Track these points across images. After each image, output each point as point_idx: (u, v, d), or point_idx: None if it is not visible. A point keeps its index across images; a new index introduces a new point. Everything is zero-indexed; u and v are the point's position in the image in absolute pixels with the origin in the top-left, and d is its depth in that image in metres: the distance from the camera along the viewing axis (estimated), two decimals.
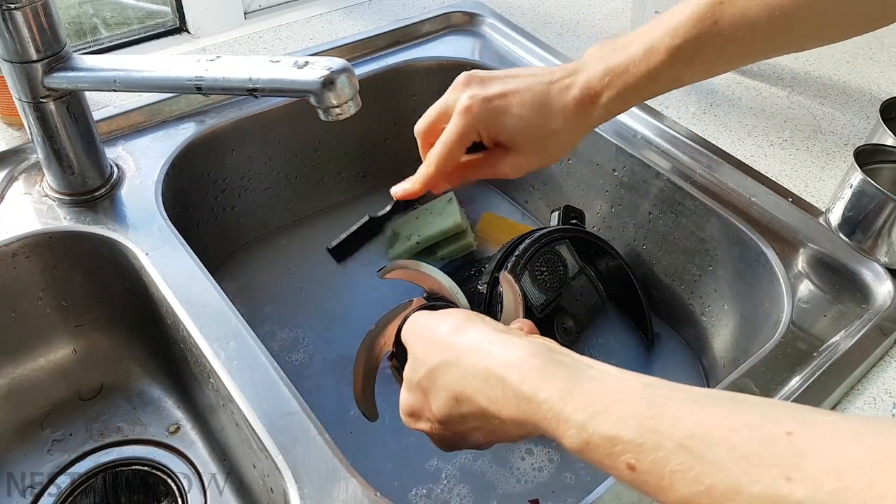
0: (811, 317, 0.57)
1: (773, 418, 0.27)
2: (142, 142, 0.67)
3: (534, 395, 0.33)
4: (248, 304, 0.75)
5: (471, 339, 0.38)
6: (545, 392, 0.33)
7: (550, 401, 0.32)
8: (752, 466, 0.25)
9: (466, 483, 0.61)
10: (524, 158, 0.52)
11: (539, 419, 0.33)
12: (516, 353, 0.35)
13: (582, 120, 0.51)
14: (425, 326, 0.42)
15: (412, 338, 0.43)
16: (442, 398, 0.39)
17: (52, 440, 0.63)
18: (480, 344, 0.38)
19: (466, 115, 0.50)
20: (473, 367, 0.37)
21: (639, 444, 0.29)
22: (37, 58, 0.52)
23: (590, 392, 0.32)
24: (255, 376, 0.49)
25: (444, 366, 0.39)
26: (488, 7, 0.89)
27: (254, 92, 0.47)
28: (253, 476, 0.55)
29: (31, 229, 0.58)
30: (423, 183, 0.55)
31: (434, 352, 0.40)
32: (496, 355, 0.36)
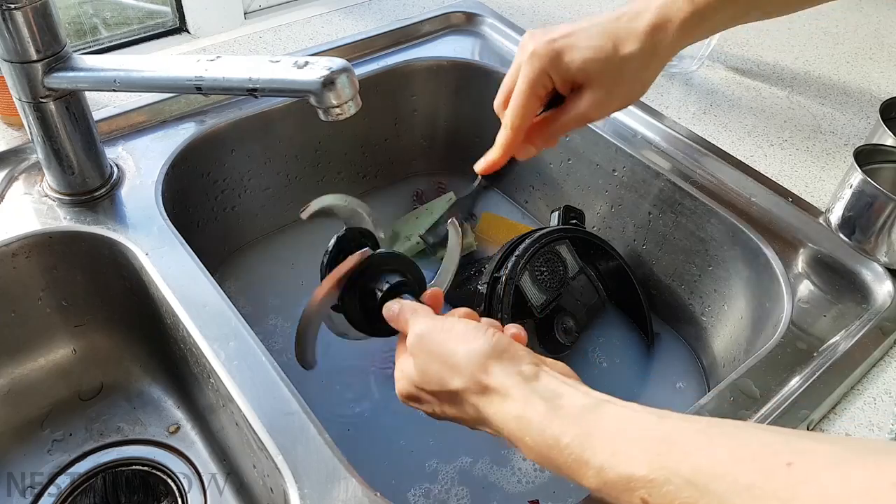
0: (811, 317, 0.57)
1: (775, 449, 0.28)
2: (142, 142, 0.67)
3: (557, 442, 0.35)
4: (248, 304, 0.75)
5: (496, 380, 0.39)
6: (567, 437, 0.34)
7: (572, 446, 0.34)
8: (754, 498, 0.27)
9: (466, 483, 0.61)
10: (601, 92, 0.49)
11: (561, 463, 0.35)
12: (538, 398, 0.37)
13: (655, 46, 0.48)
14: (441, 347, 0.41)
15: (424, 355, 0.42)
16: (460, 414, 0.41)
17: (52, 440, 0.63)
18: (505, 385, 0.38)
19: (533, 59, 0.48)
20: (499, 410, 0.38)
21: (651, 480, 0.31)
22: (37, 58, 0.52)
23: (607, 432, 0.34)
24: (254, 376, 0.49)
25: (467, 392, 0.40)
26: (488, 7, 0.89)
27: (254, 92, 0.47)
28: (253, 476, 0.55)
29: (31, 229, 0.58)
30: (505, 148, 0.53)
31: (453, 375, 0.40)
32: (519, 399, 0.37)
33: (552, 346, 0.68)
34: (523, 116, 0.51)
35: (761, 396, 0.51)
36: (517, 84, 0.50)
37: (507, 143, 0.53)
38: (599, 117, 0.51)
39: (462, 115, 0.87)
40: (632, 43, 0.48)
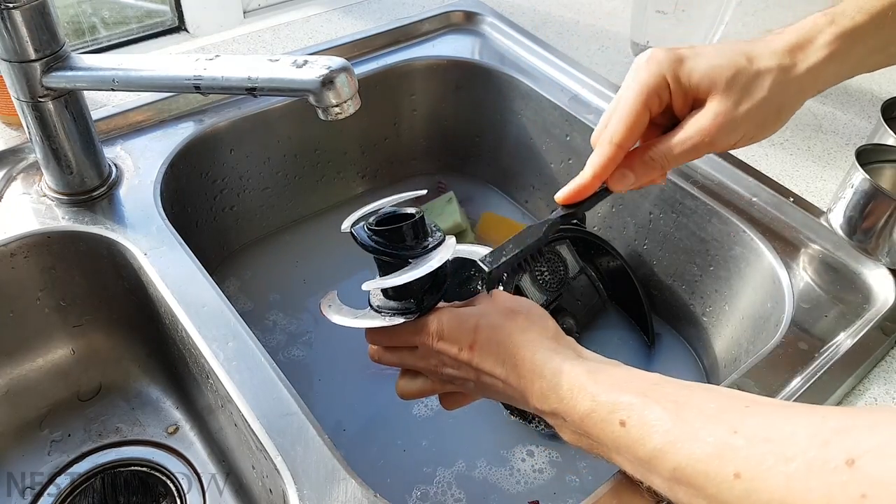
0: (812, 317, 0.57)
1: (741, 397, 0.36)
2: (140, 141, 0.67)
3: (569, 373, 0.40)
4: (247, 304, 0.74)
5: (529, 338, 0.43)
6: (580, 369, 0.40)
7: (580, 375, 0.40)
8: (710, 423, 0.34)
9: (465, 484, 0.61)
10: (728, 103, 0.41)
11: (565, 390, 0.40)
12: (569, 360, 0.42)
13: (795, 65, 0.42)
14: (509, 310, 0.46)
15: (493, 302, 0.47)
16: (491, 345, 0.44)
17: (50, 441, 0.63)
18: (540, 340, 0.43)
19: (650, 63, 0.42)
20: (533, 357, 0.42)
21: (630, 405, 0.37)
22: (35, 57, 0.52)
23: (610, 375, 0.40)
24: (253, 377, 0.49)
25: (516, 330, 0.44)
26: (488, 6, 0.89)
27: (253, 91, 0.47)
28: (252, 477, 0.55)
29: (30, 229, 0.58)
30: (599, 169, 0.44)
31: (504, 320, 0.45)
32: (553, 353, 0.42)
33: None
34: (630, 129, 0.43)
35: None
36: (625, 93, 0.43)
37: (603, 162, 0.44)
38: (722, 141, 0.42)
39: (462, 115, 0.87)
40: (768, 59, 0.43)
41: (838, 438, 0.29)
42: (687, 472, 0.33)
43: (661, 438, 0.35)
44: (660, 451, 0.35)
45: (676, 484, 0.34)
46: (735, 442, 0.32)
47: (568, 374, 0.40)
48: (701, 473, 0.33)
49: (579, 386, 0.39)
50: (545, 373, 0.41)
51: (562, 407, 0.40)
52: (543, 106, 0.78)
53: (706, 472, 0.33)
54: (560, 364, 0.41)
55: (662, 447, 0.35)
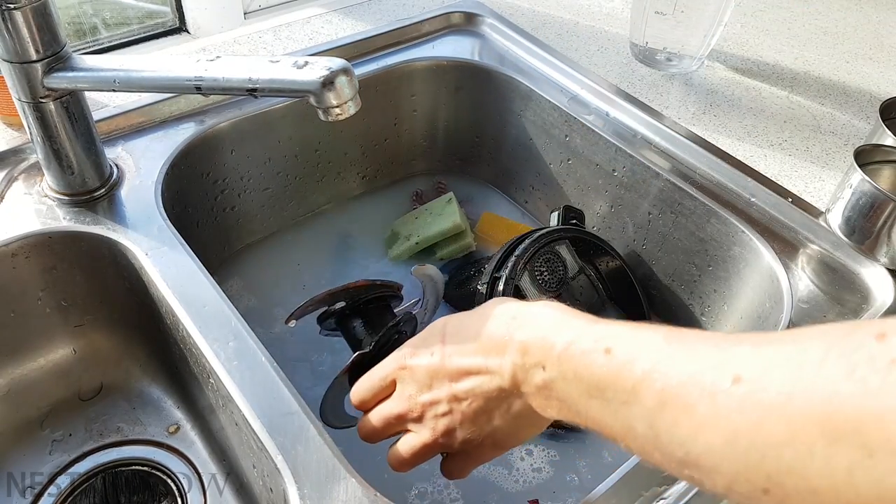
0: (811, 317, 0.57)
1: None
2: (141, 142, 0.67)
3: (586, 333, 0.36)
4: (248, 304, 0.75)
5: (501, 307, 0.41)
6: (569, 314, 0.37)
7: (567, 316, 0.37)
8: (708, 341, 0.30)
9: (463, 482, 0.61)
10: None
11: (547, 328, 0.36)
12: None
13: None
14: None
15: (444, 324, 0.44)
16: (461, 339, 0.41)
17: (51, 440, 0.63)
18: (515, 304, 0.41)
19: None
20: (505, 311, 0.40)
21: (619, 333, 0.33)
22: (36, 58, 0.52)
23: (594, 317, 0.37)
24: (254, 376, 0.49)
25: (486, 311, 0.41)
26: (488, 7, 0.89)
27: (253, 92, 0.47)
28: (252, 476, 0.55)
29: (31, 229, 0.58)
30: None
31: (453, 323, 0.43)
32: (527, 306, 0.40)
33: None
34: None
35: None
36: None
37: None
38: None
39: (462, 115, 0.87)
40: None
41: (863, 325, 0.25)
42: (676, 391, 0.29)
43: (652, 358, 0.31)
44: (647, 374, 0.30)
45: (660, 411, 0.29)
46: (738, 350, 0.28)
47: (553, 317, 0.37)
48: (695, 386, 0.28)
49: (564, 323, 0.36)
50: (527, 322, 0.38)
51: (543, 352, 0.36)
52: (543, 106, 0.78)
53: (701, 383, 0.28)
54: (544, 311, 0.38)
55: (651, 368, 0.30)
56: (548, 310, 0.38)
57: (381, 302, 0.52)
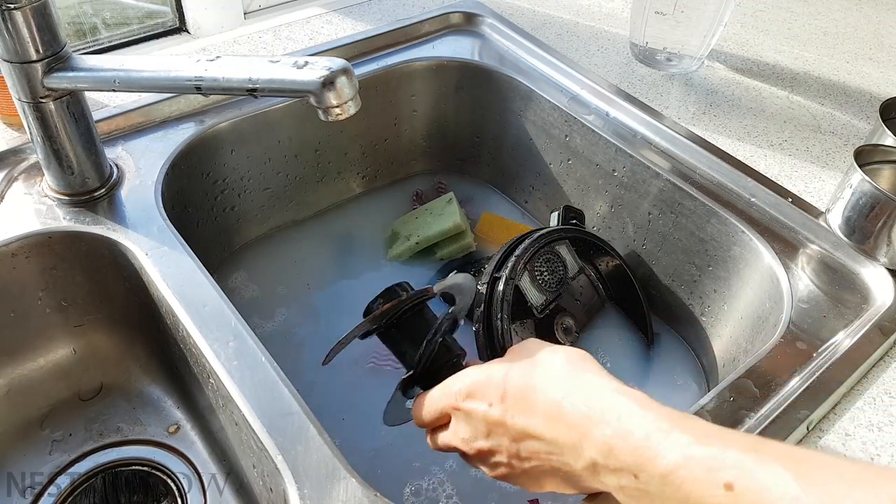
0: (811, 317, 0.57)
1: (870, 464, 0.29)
2: (141, 142, 0.67)
3: (645, 414, 0.34)
4: (248, 304, 0.75)
5: (578, 378, 0.38)
6: (658, 413, 0.34)
7: (659, 420, 0.33)
8: (856, 487, 0.27)
9: (464, 483, 0.61)
10: None
11: (640, 438, 0.33)
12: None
13: None
14: (542, 354, 0.40)
15: (519, 351, 0.41)
16: (533, 407, 0.37)
17: (51, 440, 0.63)
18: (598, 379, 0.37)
19: None
20: (586, 393, 0.36)
21: (739, 462, 0.29)
22: (36, 58, 0.52)
23: (700, 425, 0.33)
24: (254, 376, 0.49)
25: (556, 372, 0.38)
26: (488, 7, 0.89)
27: (253, 92, 0.47)
28: (252, 476, 0.55)
29: (31, 229, 0.58)
30: None
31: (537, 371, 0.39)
32: (617, 394, 0.36)
33: None
34: None
35: (761, 396, 0.51)
36: None
37: None
38: None
39: (462, 115, 0.87)
40: None
41: None
42: None
43: None
44: None
45: None
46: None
47: (643, 418, 0.33)
48: None
49: (661, 432, 0.32)
50: (608, 417, 0.34)
51: (635, 460, 0.32)
52: (543, 106, 0.78)
53: None
54: (629, 406, 0.34)
55: None
56: (631, 407, 0.34)
57: (415, 308, 0.49)
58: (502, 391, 0.39)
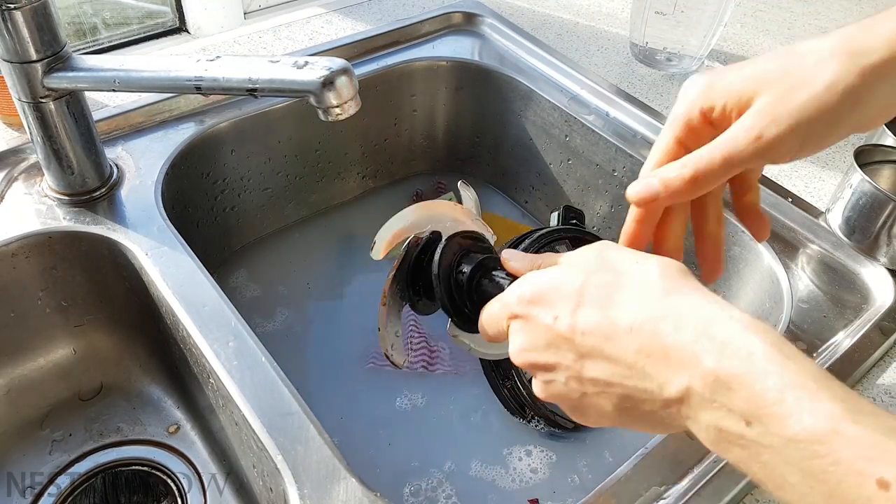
0: (811, 317, 0.57)
1: None
2: (141, 142, 0.67)
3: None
4: (248, 304, 0.75)
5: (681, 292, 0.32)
6: (800, 366, 0.27)
7: (803, 376, 0.27)
8: None
9: (460, 481, 0.61)
10: (773, 96, 0.34)
11: (771, 386, 0.27)
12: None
13: (854, 57, 0.33)
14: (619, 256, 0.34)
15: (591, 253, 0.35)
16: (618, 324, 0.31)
17: (51, 440, 0.63)
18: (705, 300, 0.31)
19: (683, 93, 0.38)
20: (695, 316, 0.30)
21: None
22: (36, 58, 0.52)
23: (849, 394, 0.27)
24: (254, 376, 0.49)
25: (651, 284, 0.32)
26: (488, 7, 0.89)
27: (253, 92, 0.47)
28: (252, 476, 0.55)
29: (31, 229, 0.58)
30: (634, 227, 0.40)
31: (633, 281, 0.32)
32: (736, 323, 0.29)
33: None
34: (657, 162, 0.38)
35: None
36: (662, 132, 0.38)
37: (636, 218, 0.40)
38: (773, 139, 0.33)
39: (462, 115, 0.87)
40: (818, 53, 0.34)
41: None
42: None
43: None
44: None
45: None
46: None
47: (780, 366, 0.27)
48: None
49: (803, 390, 0.26)
50: (727, 351, 0.28)
51: (752, 407, 0.27)
52: (543, 106, 0.78)
53: None
54: (761, 346, 0.28)
55: None
56: (765, 348, 0.28)
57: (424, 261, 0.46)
58: (575, 303, 0.32)
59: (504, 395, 0.63)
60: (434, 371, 0.70)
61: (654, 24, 0.80)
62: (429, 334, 0.72)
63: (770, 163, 0.36)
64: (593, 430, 0.65)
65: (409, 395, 0.68)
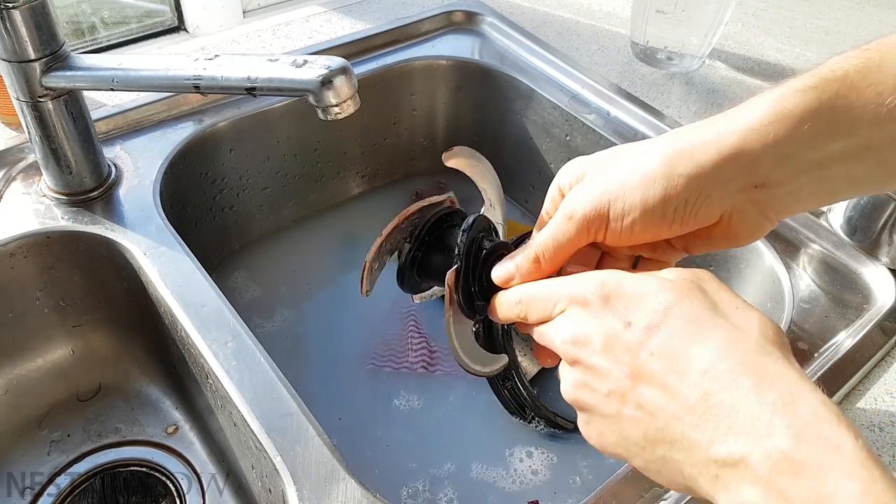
0: (812, 317, 0.57)
1: None
2: (140, 141, 0.67)
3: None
4: (247, 304, 0.74)
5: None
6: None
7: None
8: None
9: (461, 482, 0.61)
10: (588, 186, 0.36)
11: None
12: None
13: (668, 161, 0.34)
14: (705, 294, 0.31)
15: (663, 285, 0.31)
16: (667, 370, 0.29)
17: (50, 441, 0.63)
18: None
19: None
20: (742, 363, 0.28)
21: None
22: (35, 57, 0.52)
23: None
24: (253, 377, 0.49)
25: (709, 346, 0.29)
26: (488, 6, 0.89)
27: (252, 91, 0.47)
28: (251, 477, 0.54)
29: (29, 229, 0.58)
30: None
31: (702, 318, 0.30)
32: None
33: None
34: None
35: None
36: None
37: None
38: (581, 218, 0.35)
39: (462, 115, 0.87)
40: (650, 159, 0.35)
41: None
42: None
43: None
44: None
45: None
46: None
47: (869, 471, 0.24)
48: None
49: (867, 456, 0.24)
50: (809, 434, 0.26)
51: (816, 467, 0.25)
52: (544, 106, 0.78)
53: None
54: (845, 434, 0.26)
55: None
56: (854, 444, 0.25)
57: (443, 225, 0.44)
58: (655, 320, 0.30)
59: (504, 396, 0.63)
60: (434, 372, 0.69)
61: (655, 23, 0.79)
62: (429, 335, 0.72)
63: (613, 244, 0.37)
64: None
65: (409, 395, 0.67)
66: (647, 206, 0.34)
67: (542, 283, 0.36)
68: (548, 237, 0.37)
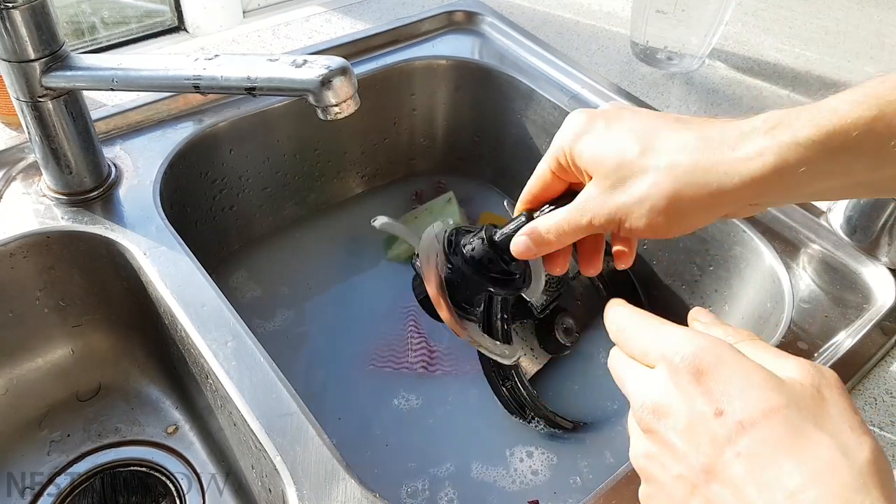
0: (812, 317, 0.57)
1: None
2: (140, 141, 0.67)
3: None
4: (247, 304, 0.74)
5: None
6: None
7: None
8: None
9: (461, 482, 0.61)
10: (601, 188, 0.39)
11: None
12: None
13: (698, 172, 0.37)
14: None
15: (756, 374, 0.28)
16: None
17: (50, 441, 0.63)
18: None
19: (560, 133, 0.42)
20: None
21: None
22: (34, 57, 0.52)
23: None
24: (253, 377, 0.49)
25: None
26: (488, 6, 0.89)
27: (252, 91, 0.47)
28: (251, 477, 0.54)
29: (29, 229, 0.58)
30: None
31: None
32: None
33: (552, 346, 0.67)
34: (533, 195, 0.44)
35: None
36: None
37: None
38: (598, 226, 0.39)
39: (462, 115, 0.87)
40: (665, 155, 0.37)
41: None
42: None
43: None
44: None
45: None
46: None
47: None
48: None
49: None
50: None
51: None
52: (543, 106, 0.78)
53: None
54: None
55: None
56: None
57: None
58: (754, 417, 0.27)
59: (504, 396, 0.63)
60: (434, 372, 0.69)
61: (655, 23, 0.79)
62: (428, 335, 0.72)
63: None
64: (593, 431, 0.65)
65: (409, 395, 0.67)
66: (659, 231, 0.39)
67: (641, 327, 0.35)
68: (563, 224, 0.40)
